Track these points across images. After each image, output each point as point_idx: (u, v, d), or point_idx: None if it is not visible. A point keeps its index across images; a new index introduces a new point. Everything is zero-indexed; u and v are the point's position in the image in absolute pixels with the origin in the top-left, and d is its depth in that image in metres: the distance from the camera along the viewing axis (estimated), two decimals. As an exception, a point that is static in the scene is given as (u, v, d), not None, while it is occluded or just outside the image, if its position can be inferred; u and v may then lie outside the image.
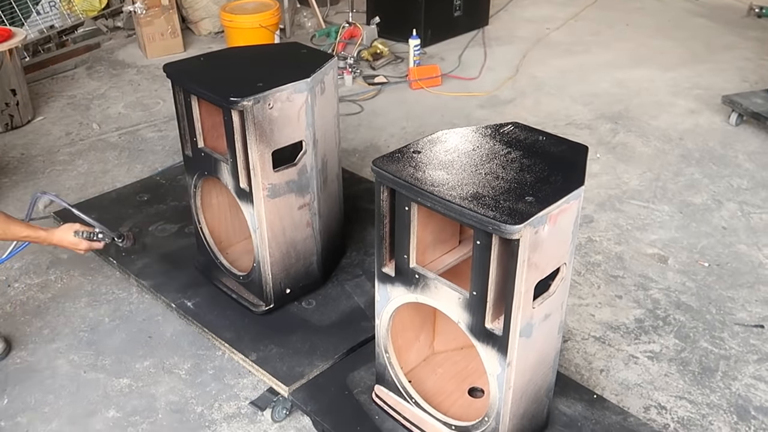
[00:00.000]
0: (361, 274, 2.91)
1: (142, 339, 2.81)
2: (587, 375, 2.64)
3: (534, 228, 1.65)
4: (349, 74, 5.11)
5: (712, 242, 3.40)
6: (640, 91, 5.04)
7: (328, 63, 2.55)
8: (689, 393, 2.57)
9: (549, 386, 2.09)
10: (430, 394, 2.19)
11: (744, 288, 3.09)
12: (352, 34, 5.48)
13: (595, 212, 3.63)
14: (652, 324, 2.89)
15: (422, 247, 1.95)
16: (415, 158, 1.87)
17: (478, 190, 1.72)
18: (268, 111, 2.33)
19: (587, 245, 3.37)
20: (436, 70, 5.16)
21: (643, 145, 4.31)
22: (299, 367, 2.44)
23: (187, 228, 3.21)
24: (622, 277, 3.16)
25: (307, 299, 2.75)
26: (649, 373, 2.65)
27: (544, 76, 5.30)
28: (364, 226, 3.20)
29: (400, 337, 2.18)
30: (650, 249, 3.35)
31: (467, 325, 1.85)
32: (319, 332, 2.60)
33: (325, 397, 2.31)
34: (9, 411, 2.50)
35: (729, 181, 3.92)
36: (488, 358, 1.84)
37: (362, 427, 2.21)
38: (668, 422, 2.45)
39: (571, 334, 2.83)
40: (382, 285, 2.04)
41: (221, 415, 2.49)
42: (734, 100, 4.45)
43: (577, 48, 5.85)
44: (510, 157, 1.88)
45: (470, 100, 4.92)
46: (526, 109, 4.78)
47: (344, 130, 4.25)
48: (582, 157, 1.88)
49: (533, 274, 1.74)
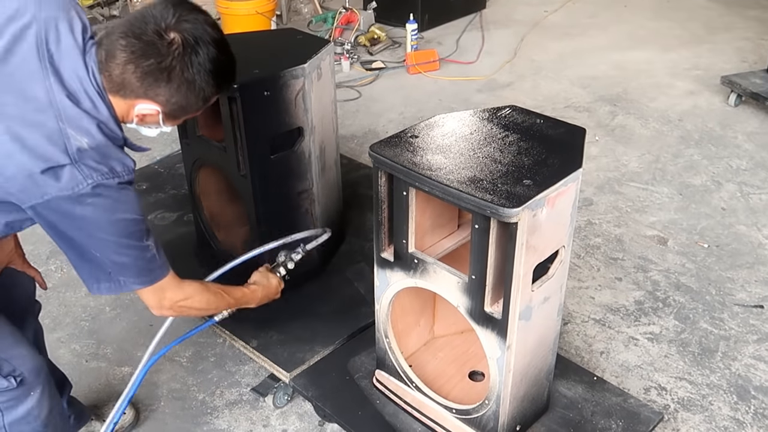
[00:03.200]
0: (360, 260, 2.91)
1: (143, 327, 2.82)
2: (587, 357, 2.65)
3: (532, 211, 1.65)
4: (346, 60, 5.10)
5: (711, 223, 3.40)
6: (638, 73, 5.02)
7: (324, 49, 2.54)
8: (689, 374, 2.58)
9: (549, 369, 2.10)
10: (430, 379, 2.20)
11: (743, 268, 3.10)
12: (349, 19, 5.45)
13: (595, 195, 3.63)
14: (651, 306, 2.90)
15: (421, 232, 1.95)
16: (412, 143, 1.86)
17: (476, 174, 1.72)
18: (265, 97, 2.32)
19: (586, 228, 3.37)
20: (433, 55, 5.14)
21: (642, 127, 4.30)
22: (300, 353, 2.45)
23: (186, 216, 3.21)
24: (621, 260, 3.16)
25: (306, 286, 2.76)
26: (649, 354, 2.66)
27: (542, 59, 5.28)
28: (363, 212, 3.20)
29: (400, 322, 2.18)
30: (650, 231, 3.36)
31: (466, 308, 1.85)
32: (320, 318, 2.60)
33: (327, 383, 2.32)
34: (12, 401, 2.51)
35: (728, 162, 3.91)
36: (488, 342, 1.85)
37: (363, 411, 2.22)
38: (668, 403, 2.46)
39: (570, 317, 2.83)
40: (381, 270, 2.04)
41: (223, 402, 2.50)
42: (733, 80, 4.43)
43: (575, 31, 5.82)
44: (507, 140, 1.87)
45: (468, 84, 4.91)
46: (525, 93, 4.76)
47: (342, 116, 4.24)
48: (580, 140, 1.88)
49: (532, 257, 1.74)
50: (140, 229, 1.65)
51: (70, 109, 1.50)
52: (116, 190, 1.55)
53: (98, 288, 1.69)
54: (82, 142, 1.49)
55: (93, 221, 1.56)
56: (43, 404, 1.92)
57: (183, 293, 1.85)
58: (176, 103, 1.62)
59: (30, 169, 1.46)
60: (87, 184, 1.50)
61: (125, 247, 1.63)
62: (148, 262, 1.69)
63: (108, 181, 1.52)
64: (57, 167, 1.47)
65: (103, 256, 1.63)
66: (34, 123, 1.48)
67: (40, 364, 1.91)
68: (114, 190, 1.55)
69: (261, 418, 2.44)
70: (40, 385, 1.90)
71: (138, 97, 1.59)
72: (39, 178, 1.47)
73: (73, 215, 1.53)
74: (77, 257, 1.65)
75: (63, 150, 1.48)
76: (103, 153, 1.53)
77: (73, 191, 1.49)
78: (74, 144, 1.49)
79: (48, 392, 1.93)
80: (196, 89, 1.61)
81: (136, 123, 1.66)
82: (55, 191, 1.49)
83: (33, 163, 1.46)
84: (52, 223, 1.56)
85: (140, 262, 1.68)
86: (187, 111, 1.68)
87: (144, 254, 1.67)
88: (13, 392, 1.85)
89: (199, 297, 1.92)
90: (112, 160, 1.54)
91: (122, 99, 1.59)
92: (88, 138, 1.51)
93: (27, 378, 1.86)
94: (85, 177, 1.49)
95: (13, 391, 1.84)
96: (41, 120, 1.48)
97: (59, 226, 1.57)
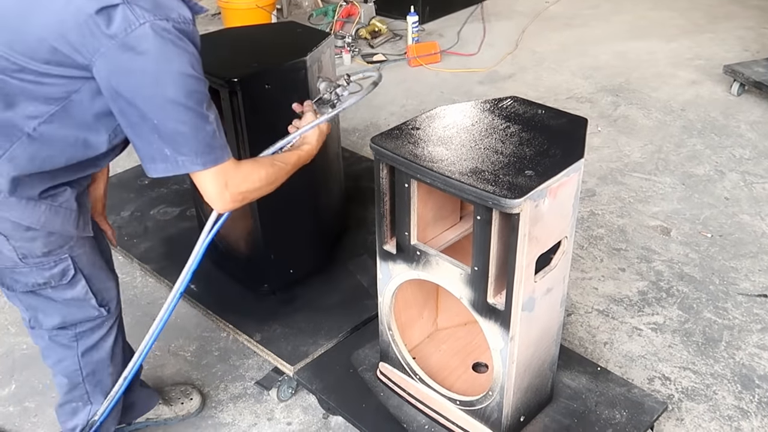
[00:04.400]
0: (362, 252, 2.91)
1: (147, 322, 2.79)
2: (591, 348, 2.65)
3: (534, 202, 1.64)
4: (347, 53, 5.09)
5: (714, 213, 3.40)
6: (640, 63, 5.01)
7: (324, 41, 2.53)
8: (693, 363, 2.58)
9: (552, 360, 2.10)
10: (434, 371, 2.20)
11: (747, 258, 3.09)
12: (349, 12, 5.44)
13: (597, 185, 3.63)
14: (655, 296, 2.89)
15: (423, 224, 1.95)
16: (414, 135, 1.86)
17: (478, 165, 1.71)
18: (266, 90, 2.32)
19: (589, 219, 3.37)
20: (435, 47, 5.13)
21: (644, 118, 4.29)
22: (303, 346, 2.45)
23: (188, 211, 3.21)
24: (624, 250, 3.16)
25: (310, 279, 2.76)
26: (653, 344, 2.66)
27: (543, 50, 5.27)
28: (365, 205, 3.20)
29: (403, 314, 2.18)
30: (653, 221, 3.35)
31: (469, 300, 1.85)
32: (323, 312, 2.61)
33: (330, 376, 2.32)
34: (17, 396, 2.52)
35: (731, 152, 3.90)
36: (491, 333, 1.85)
37: (367, 404, 2.22)
38: (672, 393, 2.46)
39: (574, 308, 2.83)
40: (384, 263, 2.04)
41: (227, 396, 2.50)
42: (736, 69, 4.42)
43: (577, 21, 5.80)
44: (509, 131, 1.87)
45: (470, 76, 4.89)
46: (527, 84, 4.75)
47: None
48: (582, 130, 1.87)
49: (534, 248, 1.73)
50: (201, 91, 1.57)
51: None
52: (172, 35, 1.50)
53: (155, 168, 1.61)
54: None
55: (150, 74, 1.50)
56: (113, 335, 2.01)
57: (243, 176, 1.71)
58: None
59: (85, 10, 1.45)
60: (139, 23, 1.46)
61: (184, 110, 1.53)
62: (208, 136, 1.59)
63: (162, 23, 1.48)
64: (109, 7, 1.46)
65: (161, 124, 1.54)
66: None
67: (119, 298, 2.02)
68: (169, 34, 1.50)
69: (265, 412, 2.44)
70: (114, 318, 2.00)
71: None
72: (93, 21, 1.46)
73: (131, 69, 1.49)
74: (136, 132, 1.58)
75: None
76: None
77: (127, 34, 1.46)
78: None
79: (118, 326, 2.04)
80: None
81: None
82: (108, 39, 1.47)
83: (87, 5, 1.46)
84: (112, 86, 1.52)
85: (200, 134, 1.57)
86: None
87: (204, 125, 1.57)
88: (97, 321, 1.93)
89: (255, 174, 1.75)
90: (168, 7, 1.52)
91: None
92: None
93: (111, 309, 1.96)
94: (137, 17, 1.46)
95: (99, 320, 1.93)
96: None
97: (119, 90, 1.52)
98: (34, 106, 1.59)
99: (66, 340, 1.94)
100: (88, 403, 2.05)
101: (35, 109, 1.59)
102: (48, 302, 1.84)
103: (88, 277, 1.85)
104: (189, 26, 1.55)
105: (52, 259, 1.77)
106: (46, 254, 1.75)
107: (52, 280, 1.80)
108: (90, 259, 1.87)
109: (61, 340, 1.94)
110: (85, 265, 1.84)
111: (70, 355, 1.96)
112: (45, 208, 1.70)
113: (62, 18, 1.48)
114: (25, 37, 1.53)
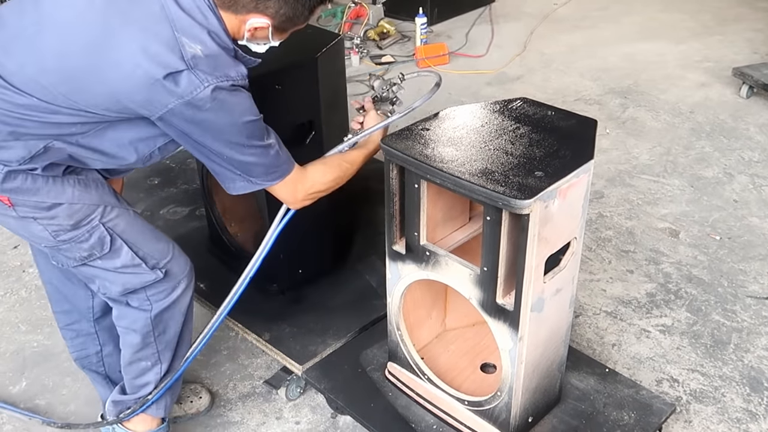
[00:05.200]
0: (371, 253, 2.92)
1: (157, 321, 2.83)
2: (599, 349, 2.65)
3: (544, 202, 1.65)
4: (356, 54, 5.10)
5: (723, 215, 3.39)
6: (649, 65, 5.00)
7: (335, 42, 2.54)
8: (701, 366, 2.58)
9: (561, 361, 2.10)
10: (442, 371, 2.21)
11: (756, 260, 3.08)
12: (358, 13, 5.45)
13: (606, 187, 3.62)
14: (663, 298, 2.89)
15: (432, 225, 1.95)
16: (423, 135, 1.87)
17: (488, 166, 1.72)
18: (276, 90, 2.32)
19: (598, 221, 3.37)
20: (443, 49, 5.14)
21: (653, 120, 4.28)
22: (312, 345, 2.46)
23: (198, 210, 3.23)
24: (633, 252, 3.16)
25: (318, 279, 2.77)
26: (661, 346, 2.66)
27: (552, 52, 5.27)
28: (373, 205, 3.20)
29: (412, 314, 2.19)
30: (661, 223, 3.35)
31: (478, 300, 1.85)
32: (332, 311, 2.62)
33: (339, 375, 2.33)
34: (27, 393, 2.54)
35: (740, 154, 3.89)
36: (500, 334, 1.85)
37: (376, 403, 2.22)
38: (681, 395, 2.46)
39: (582, 309, 2.83)
40: (393, 263, 2.05)
41: (236, 395, 2.51)
42: (745, 72, 4.41)
43: (585, 23, 5.80)
44: (519, 132, 1.87)
45: (478, 77, 4.90)
46: (535, 86, 4.75)
47: (352, 111, 4.24)
48: (591, 131, 1.88)
49: (544, 249, 1.74)
50: (260, 128, 1.77)
51: (183, 20, 1.62)
52: (232, 94, 1.66)
53: (234, 187, 1.85)
54: (196, 50, 1.60)
55: (215, 125, 1.68)
56: (187, 297, 2.07)
57: (310, 180, 1.97)
58: (284, 15, 1.73)
59: (154, 75, 1.58)
60: (204, 87, 1.60)
61: (248, 147, 1.75)
62: (273, 159, 1.82)
63: (223, 84, 1.63)
64: (176, 73, 1.58)
65: (231, 158, 1.75)
66: (155, 33, 1.60)
67: (184, 259, 2.05)
68: (230, 94, 1.65)
69: (274, 411, 2.45)
70: (186, 279, 2.04)
71: (249, 12, 1.70)
72: (161, 84, 1.59)
73: (196, 120, 1.66)
74: (210, 162, 1.80)
75: (180, 57, 1.59)
76: (216, 60, 1.64)
77: (193, 96, 1.61)
78: (189, 51, 1.60)
79: (191, 284, 2.08)
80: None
81: (247, 39, 1.77)
82: (176, 98, 1.60)
83: (156, 70, 1.58)
84: (180, 131, 1.70)
85: (265, 160, 1.80)
86: (295, 22, 1.79)
87: (267, 152, 1.80)
88: (162, 284, 1.98)
89: (324, 178, 2.01)
90: (226, 67, 1.66)
91: (234, 14, 1.70)
92: (201, 45, 1.62)
93: (171, 270, 1.99)
94: (202, 81, 1.60)
95: (162, 282, 1.97)
96: (159, 30, 1.60)
97: (187, 133, 1.70)
98: (77, 128, 1.72)
99: (138, 302, 1.99)
100: (158, 362, 2.10)
101: (77, 128, 1.72)
102: (104, 272, 1.91)
103: (130, 243, 1.90)
104: (245, 81, 1.71)
105: (85, 230, 1.83)
106: (75, 226, 1.81)
107: (94, 251, 1.86)
108: (128, 224, 1.91)
109: (134, 303, 1.99)
110: (123, 231, 1.89)
111: (143, 317, 2.01)
112: (73, 182, 1.81)
113: (131, 81, 1.60)
114: (89, 93, 1.66)
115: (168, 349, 2.10)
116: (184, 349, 2.16)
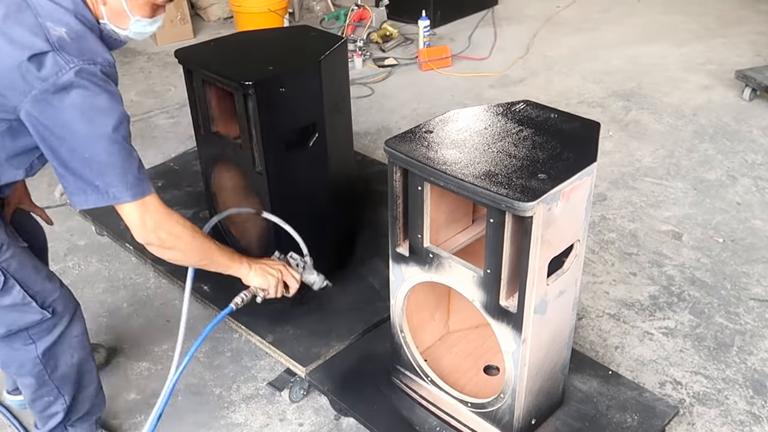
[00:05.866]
0: (374, 255, 2.92)
1: (160, 323, 2.84)
2: (602, 352, 2.65)
3: (547, 205, 1.65)
4: (359, 57, 5.11)
5: (726, 218, 3.39)
6: (652, 67, 5.00)
7: (338, 45, 2.55)
8: (705, 368, 2.58)
9: (564, 363, 2.10)
10: (445, 373, 2.21)
11: (759, 263, 3.08)
12: (361, 16, 5.47)
13: (609, 190, 3.63)
14: (666, 300, 2.89)
15: (436, 227, 1.96)
16: (427, 138, 1.87)
17: (491, 169, 1.72)
18: (280, 93, 2.33)
19: (601, 223, 3.37)
20: (446, 51, 5.14)
21: (655, 122, 4.28)
22: (315, 348, 2.46)
23: (201, 213, 3.23)
24: (636, 255, 3.16)
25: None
26: (664, 349, 2.66)
27: (554, 54, 5.27)
28: (377, 208, 3.21)
29: (415, 316, 2.19)
30: (664, 226, 3.35)
31: (482, 303, 1.86)
32: (335, 314, 2.62)
33: (342, 377, 2.33)
34: (32, 395, 2.55)
35: (743, 157, 3.89)
36: (503, 336, 1.86)
37: (379, 406, 2.23)
38: (684, 397, 2.46)
39: (585, 312, 2.83)
40: (396, 265, 2.05)
41: (240, 397, 2.52)
42: (748, 74, 4.41)
43: (588, 25, 5.80)
44: (522, 135, 1.88)
45: (481, 80, 4.90)
46: (538, 89, 4.76)
47: (355, 113, 4.24)
48: (594, 134, 1.88)
49: (547, 251, 1.74)
50: (126, 127, 1.70)
51: (45, 6, 1.64)
52: (99, 78, 1.64)
53: (86, 200, 1.70)
54: (60, 32, 1.61)
55: (81, 111, 1.62)
56: (73, 330, 2.03)
57: (169, 220, 1.81)
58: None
59: (17, 58, 1.58)
60: (69, 68, 1.59)
61: (112, 144, 1.66)
62: (136, 169, 1.71)
63: (90, 67, 1.62)
64: (40, 54, 1.58)
65: (92, 158, 1.65)
66: (18, 21, 1.61)
67: (67, 294, 2.02)
68: (96, 78, 1.63)
69: (277, 413, 2.46)
70: (68, 315, 2.01)
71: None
72: (25, 68, 1.58)
73: (61, 108, 1.61)
74: (66, 168, 1.68)
75: (44, 39, 1.60)
76: (83, 43, 1.64)
77: (57, 77, 1.59)
78: (54, 34, 1.61)
79: (76, 317, 2.05)
80: None
81: (107, 17, 1.74)
82: (40, 82, 1.58)
83: (19, 53, 1.58)
84: (43, 125, 1.63)
85: (128, 165, 1.69)
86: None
87: (131, 158, 1.70)
88: (47, 322, 1.95)
89: (179, 224, 1.84)
90: (92, 52, 1.65)
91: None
92: (66, 28, 1.63)
93: (57, 309, 1.97)
94: (67, 62, 1.59)
95: (48, 321, 1.95)
96: (23, 18, 1.62)
97: (50, 126, 1.63)
98: None
99: (21, 344, 1.95)
100: (59, 395, 2.09)
101: None
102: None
103: (22, 282, 1.87)
104: (113, 69, 1.70)
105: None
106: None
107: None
108: (21, 263, 1.88)
109: (17, 344, 1.96)
110: (16, 270, 1.86)
111: (30, 358, 1.98)
112: None
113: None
114: None
115: (66, 383, 2.08)
116: (88, 378, 2.13)
